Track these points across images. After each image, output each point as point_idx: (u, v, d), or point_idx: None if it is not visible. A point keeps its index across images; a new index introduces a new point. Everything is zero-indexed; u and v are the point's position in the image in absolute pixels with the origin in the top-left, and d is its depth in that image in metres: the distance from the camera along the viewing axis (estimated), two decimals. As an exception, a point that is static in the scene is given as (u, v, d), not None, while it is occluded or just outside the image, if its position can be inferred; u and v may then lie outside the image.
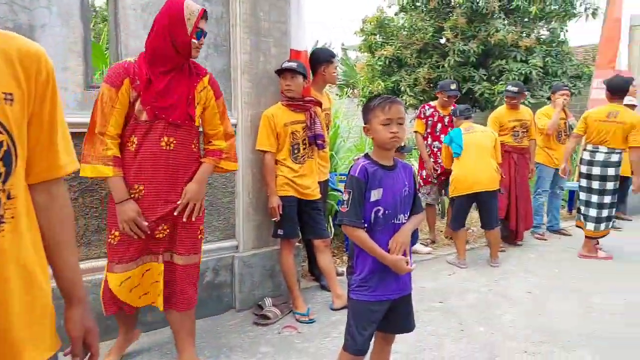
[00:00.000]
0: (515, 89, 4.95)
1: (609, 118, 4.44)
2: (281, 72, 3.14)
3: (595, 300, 3.55)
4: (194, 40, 2.20)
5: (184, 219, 2.28)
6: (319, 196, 3.32)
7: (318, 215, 3.32)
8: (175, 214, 2.26)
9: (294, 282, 3.23)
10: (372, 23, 8.98)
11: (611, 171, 4.45)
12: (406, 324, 2.11)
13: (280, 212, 3.10)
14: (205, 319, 3.10)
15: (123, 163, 2.18)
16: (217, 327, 3.04)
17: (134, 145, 2.18)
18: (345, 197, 1.92)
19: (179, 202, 2.26)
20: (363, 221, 1.92)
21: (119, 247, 2.23)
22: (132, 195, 2.19)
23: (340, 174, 4.83)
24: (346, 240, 4.57)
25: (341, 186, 4.82)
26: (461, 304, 3.49)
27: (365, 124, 2.02)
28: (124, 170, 2.18)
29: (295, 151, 3.18)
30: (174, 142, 2.22)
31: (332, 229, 4.65)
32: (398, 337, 2.17)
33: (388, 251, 1.92)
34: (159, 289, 2.31)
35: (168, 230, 2.29)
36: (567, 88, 5.65)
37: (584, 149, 4.66)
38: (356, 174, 1.92)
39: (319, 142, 3.25)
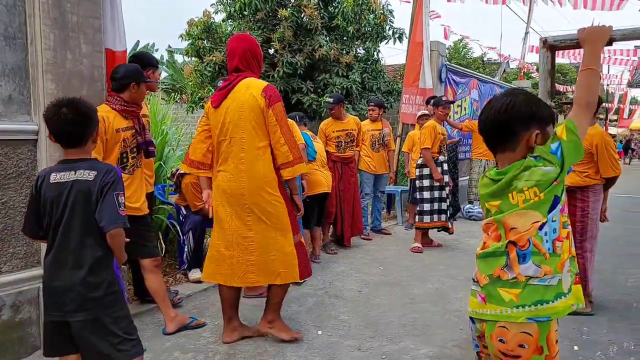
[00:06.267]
0: (331, 100, 5.33)
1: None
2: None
3: (413, 292, 3.96)
4: None
5: None
6: (147, 211, 3.03)
7: (147, 233, 3.03)
8: None
9: (118, 310, 2.85)
10: (198, 27, 8.67)
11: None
12: None
13: None
14: (3, 368, 2.56)
15: None
16: (19, 375, 2.52)
17: None
18: None
19: None
20: None
21: None
22: None
23: (171, 185, 4.48)
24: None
25: (172, 198, 4.49)
26: (300, 309, 3.53)
27: None
28: None
29: (125, 160, 2.86)
30: None
31: (164, 246, 4.30)
32: (239, 351, 2.05)
33: None
34: None
35: None
36: (378, 101, 6.21)
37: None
38: None
39: (151, 149, 3.06)
